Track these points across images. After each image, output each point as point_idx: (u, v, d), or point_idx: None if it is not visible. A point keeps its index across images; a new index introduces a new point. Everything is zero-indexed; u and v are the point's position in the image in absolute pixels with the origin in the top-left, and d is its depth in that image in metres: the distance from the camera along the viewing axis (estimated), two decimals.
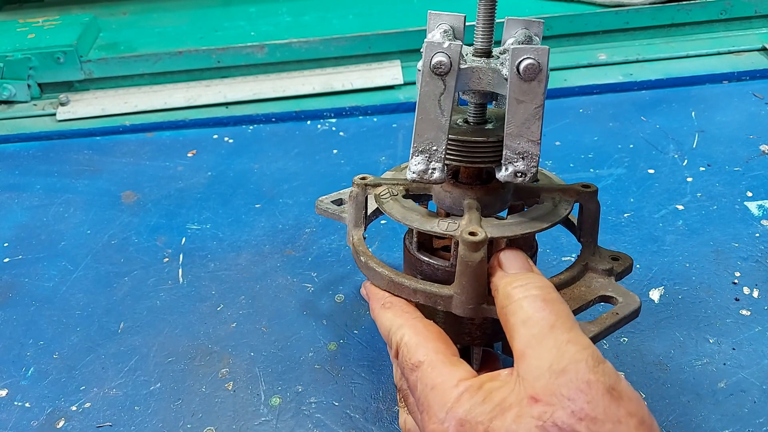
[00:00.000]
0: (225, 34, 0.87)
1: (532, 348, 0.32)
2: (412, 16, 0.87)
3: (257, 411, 0.46)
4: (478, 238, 0.35)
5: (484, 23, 0.37)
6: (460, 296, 0.37)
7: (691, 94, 0.76)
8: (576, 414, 0.29)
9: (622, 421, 0.29)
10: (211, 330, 0.53)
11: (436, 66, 0.35)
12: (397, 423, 0.45)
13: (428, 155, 0.37)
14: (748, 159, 0.66)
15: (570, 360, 0.30)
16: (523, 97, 0.35)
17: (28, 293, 0.58)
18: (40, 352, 0.52)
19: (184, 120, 0.78)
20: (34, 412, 0.48)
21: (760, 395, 0.44)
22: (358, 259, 0.42)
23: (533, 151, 0.36)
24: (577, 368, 0.30)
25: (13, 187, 0.71)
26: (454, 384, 0.33)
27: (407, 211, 0.40)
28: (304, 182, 0.68)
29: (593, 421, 0.29)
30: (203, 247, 0.61)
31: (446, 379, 0.34)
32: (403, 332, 0.37)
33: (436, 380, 0.34)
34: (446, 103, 0.36)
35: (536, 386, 0.30)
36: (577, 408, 0.29)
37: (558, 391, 0.30)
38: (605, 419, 0.29)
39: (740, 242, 0.56)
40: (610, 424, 0.29)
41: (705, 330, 0.49)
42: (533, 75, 0.35)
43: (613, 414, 0.29)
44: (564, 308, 0.33)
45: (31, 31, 0.85)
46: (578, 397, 0.29)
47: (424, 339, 0.37)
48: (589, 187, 0.41)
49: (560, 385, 0.30)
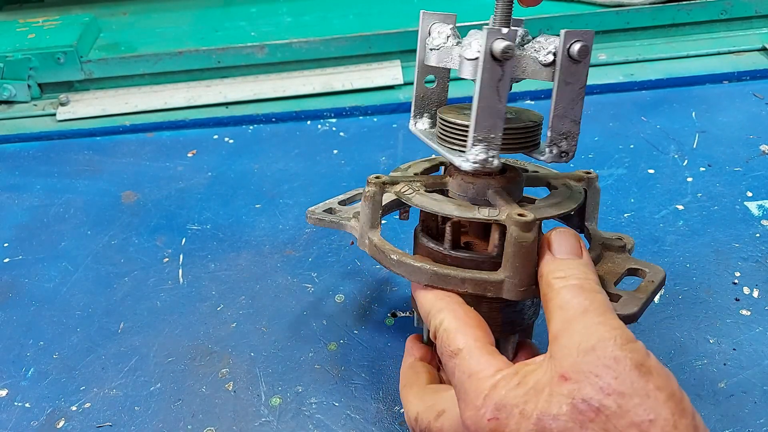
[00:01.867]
0: (225, 34, 0.87)
1: (564, 330, 0.32)
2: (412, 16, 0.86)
3: (257, 411, 0.46)
4: (528, 218, 0.35)
5: (503, 15, 0.38)
6: (512, 279, 0.37)
7: (692, 95, 0.76)
8: (604, 390, 0.29)
9: (650, 395, 0.29)
10: (211, 330, 0.53)
11: (505, 51, 0.35)
12: (398, 423, 0.45)
13: (487, 143, 0.37)
14: (748, 159, 0.66)
15: (599, 338, 0.31)
16: (571, 78, 0.37)
17: (28, 293, 0.58)
18: (40, 352, 0.52)
19: (185, 120, 0.78)
20: (34, 412, 0.48)
21: (760, 396, 0.44)
22: (389, 258, 0.40)
23: (575, 130, 0.38)
24: (605, 345, 0.30)
25: (13, 187, 0.71)
26: (492, 373, 0.34)
27: (440, 203, 0.39)
28: (305, 182, 0.68)
29: (621, 396, 0.29)
30: (203, 247, 0.61)
31: (484, 368, 0.34)
32: (443, 316, 0.38)
33: (474, 368, 0.34)
34: (503, 90, 0.36)
35: (565, 365, 0.31)
36: (604, 384, 0.30)
37: (586, 368, 0.30)
38: (633, 393, 0.29)
39: (740, 242, 0.56)
40: (638, 398, 0.29)
41: (705, 330, 0.49)
42: (584, 56, 0.36)
43: (641, 388, 0.29)
44: (600, 296, 0.34)
45: (31, 31, 0.85)
46: (605, 373, 0.30)
47: (464, 325, 0.37)
48: (590, 173, 0.42)
49: (588, 362, 0.30)
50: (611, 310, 0.33)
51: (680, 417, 0.29)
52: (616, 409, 0.29)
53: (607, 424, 0.29)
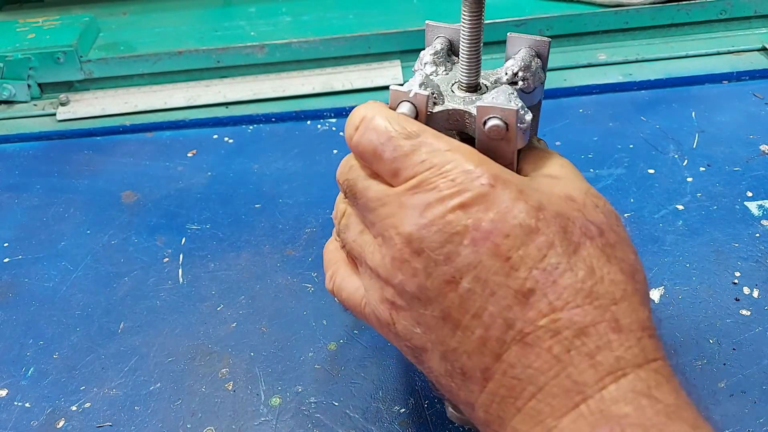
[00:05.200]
0: (225, 34, 0.87)
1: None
2: (412, 16, 0.86)
3: (257, 411, 0.46)
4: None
5: (468, 58, 0.36)
6: None
7: (691, 94, 0.76)
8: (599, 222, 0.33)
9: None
10: (211, 330, 0.53)
11: (409, 114, 0.34)
12: (398, 423, 0.45)
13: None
14: (748, 159, 0.66)
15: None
16: (492, 154, 0.33)
17: (28, 293, 0.58)
18: (40, 352, 0.52)
19: (184, 120, 0.78)
20: (34, 412, 0.48)
21: (760, 396, 0.44)
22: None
23: None
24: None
25: (13, 187, 0.71)
26: (473, 150, 0.32)
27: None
28: (304, 182, 0.68)
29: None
30: (203, 247, 0.61)
31: (459, 143, 0.32)
32: (381, 113, 0.34)
33: (451, 142, 0.32)
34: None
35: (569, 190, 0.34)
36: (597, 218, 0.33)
37: (589, 201, 0.34)
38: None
39: (740, 242, 0.56)
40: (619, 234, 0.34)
41: (705, 330, 0.49)
42: (499, 136, 0.33)
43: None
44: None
45: (31, 31, 0.85)
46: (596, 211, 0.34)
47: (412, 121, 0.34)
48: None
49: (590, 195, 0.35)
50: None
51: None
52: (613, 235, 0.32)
53: (606, 245, 0.31)
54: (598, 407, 0.27)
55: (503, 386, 0.29)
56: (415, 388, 0.47)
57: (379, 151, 0.33)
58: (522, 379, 0.29)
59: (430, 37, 0.39)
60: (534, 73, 0.37)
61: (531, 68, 0.37)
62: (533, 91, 0.37)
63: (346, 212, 0.37)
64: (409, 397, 0.47)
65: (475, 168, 0.30)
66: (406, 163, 0.32)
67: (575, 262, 0.29)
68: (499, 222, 0.29)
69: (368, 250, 0.34)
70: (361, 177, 0.35)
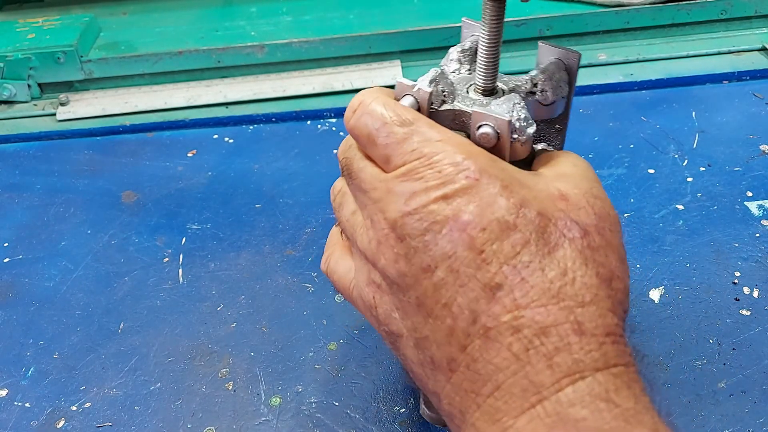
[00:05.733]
0: (225, 34, 0.87)
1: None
2: (412, 16, 0.86)
3: (257, 411, 0.46)
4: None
5: (485, 62, 0.36)
6: None
7: (692, 94, 0.76)
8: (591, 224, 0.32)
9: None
10: (211, 330, 0.53)
11: (410, 107, 0.35)
12: (398, 423, 0.45)
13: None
14: (748, 159, 0.66)
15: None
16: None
17: (28, 293, 0.58)
18: (40, 352, 0.52)
19: (184, 120, 0.78)
20: (34, 412, 0.48)
21: (760, 396, 0.44)
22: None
23: None
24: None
25: (13, 187, 0.71)
26: (466, 140, 0.32)
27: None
28: (305, 182, 0.68)
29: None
30: (203, 247, 0.61)
31: (453, 134, 0.32)
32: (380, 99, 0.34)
33: (445, 133, 0.32)
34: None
35: (563, 188, 0.33)
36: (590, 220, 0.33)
37: (584, 200, 0.33)
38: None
39: (740, 242, 0.56)
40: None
41: (705, 330, 0.49)
42: (489, 144, 0.33)
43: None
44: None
45: (31, 31, 0.85)
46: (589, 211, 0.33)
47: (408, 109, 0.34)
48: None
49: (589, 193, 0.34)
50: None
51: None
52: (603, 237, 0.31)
53: (587, 247, 0.31)
54: (555, 409, 0.27)
55: (466, 379, 0.30)
56: (415, 387, 0.47)
57: (373, 136, 0.33)
58: (483, 374, 0.29)
59: (465, 34, 0.39)
60: (555, 86, 0.36)
61: (553, 80, 0.36)
62: (552, 104, 0.36)
63: (342, 190, 0.37)
64: (409, 397, 0.47)
65: (463, 160, 0.30)
66: (397, 151, 0.32)
67: (548, 263, 0.29)
68: (477, 215, 0.29)
69: (359, 231, 0.34)
70: (358, 157, 0.35)
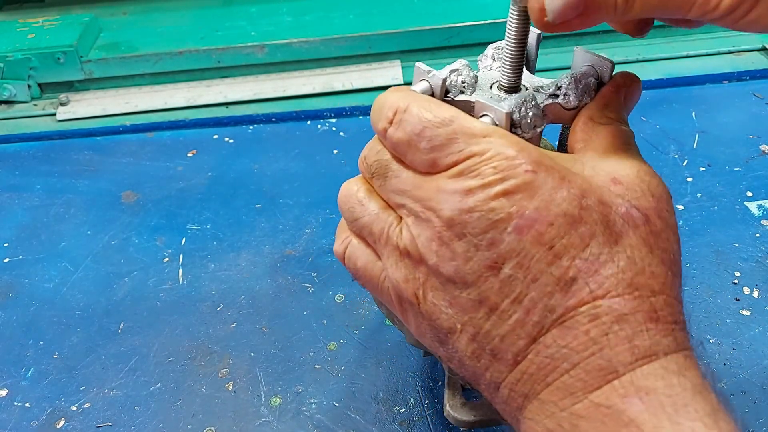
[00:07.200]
0: (225, 34, 0.87)
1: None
2: (412, 16, 0.86)
3: (257, 411, 0.46)
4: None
5: (511, 60, 0.36)
6: None
7: (692, 94, 0.76)
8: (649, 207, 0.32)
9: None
10: (211, 330, 0.53)
11: (423, 91, 0.36)
12: (398, 423, 0.45)
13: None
14: (748, 159, 0.66)
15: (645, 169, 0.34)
16: None
17: (28, 293, 0.58)
18: (40, 352, 0.52)
19: (185, 120, 0.78)
20: (34, 412, 0.48)
21: (760, 395, 0.44)
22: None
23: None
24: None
25: (13, 187, 0.71)
26: (515, 137, 0.32)
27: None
28: (305, 182, 0.68)
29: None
30: (203, 247, 0.61)
31: (494, 128, 0.32)
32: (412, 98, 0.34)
33: (487, 127, 0.32)
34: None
35: (616, 172, 0.33)
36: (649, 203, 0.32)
37: (639, 184, 0.33)
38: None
39: (740, 242, 0.56)
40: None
41: (705, 330, 0.49)
42: None
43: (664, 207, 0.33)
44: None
45: (31, 31, 0.85)
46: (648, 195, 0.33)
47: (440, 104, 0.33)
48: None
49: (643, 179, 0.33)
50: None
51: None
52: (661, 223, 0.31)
53: (650, 233, 0.31)
54: (630, 380, 0.28)
55: (535, 365, 0.30)
56: (415, 388, 0.47)
57: (415, 143, 0.33)
58: (556, 358, 0.30)
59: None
60: (580, 92, 0.36)
61: (579, 86, 0.36)
62: (575, 109, 0.36)
63: (361, 188, 0.37)
64: (409, 397, 0.47)
65: (516, 153, 0.30)
66: (444, 152, 0.31)
67: (616, 252, 0.30)
68: (543, 210, 0.29)
69: (394, 228, 0.34)
70: (394, 161, 0.35)
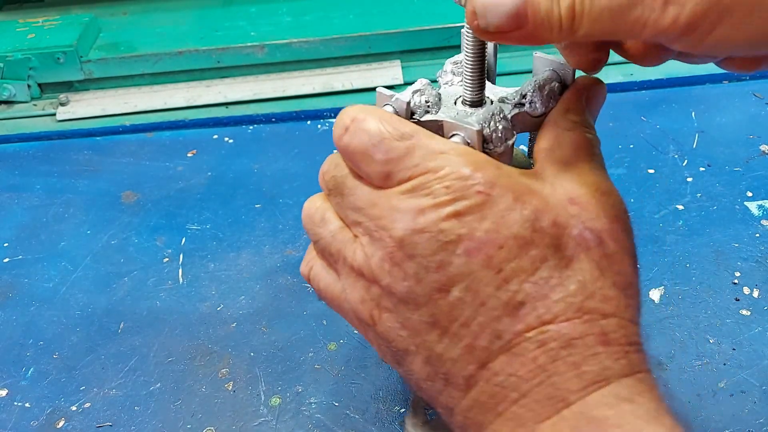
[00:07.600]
0: (225, 34, 0.87)
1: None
2: (412, 16, 0.86)
3: (257, 411, 0.46)
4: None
5: (470, 72, 0.35)
6: None
7: (691, 94, 0.76)
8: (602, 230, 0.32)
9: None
10: (211, 330, 0.53)
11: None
12: (398, 423, 0.45)
13: None
14: (748, 159, 0.66)
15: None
16: None
17: (28, 293, 0.58)
18: (40, 352, 0.52)
19: (184, 120, 0.78)
20: (34, 412, 0.48)
21: (760, 395, 0.45)
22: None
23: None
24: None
25: (13, 187, 0.71)
26: (476, 152, 0.31)
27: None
28: (305, 182, 0.68)
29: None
30: (203, 247, 0.61)
31: (455, 144, 0.31)
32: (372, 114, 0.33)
33: (447, 144, 0.31)
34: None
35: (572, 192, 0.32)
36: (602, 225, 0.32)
37: (598, 207, 0.32)
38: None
39: (740, 242, 0.56)
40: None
41: (705, 330, 0.49)
42: None
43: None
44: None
45: (31, 31, 0.85)
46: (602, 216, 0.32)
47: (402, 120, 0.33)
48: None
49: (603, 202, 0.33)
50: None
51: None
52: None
53: (603, 256, 0.30)
54: (580, 410, 0.28)
55: (485, 393, 0.29)
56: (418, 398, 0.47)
57: (370, 153, 0.31)
58: (505, 386, 0.29)
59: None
60: (545, 98, 0.35)
61: (543, 92, 0.36)
62: (542, 116, 0.36)
63: (322, 206, 0.36)
64: (409, 397, 0.47)
65: (472, 173, 0.29)
66: (399, 166, 0.31)
67: (567, 276, 0.29)
68: (493, 233, 0.29)
69: (349, 248, 0.33)
70: (350, 176, 0.34)
